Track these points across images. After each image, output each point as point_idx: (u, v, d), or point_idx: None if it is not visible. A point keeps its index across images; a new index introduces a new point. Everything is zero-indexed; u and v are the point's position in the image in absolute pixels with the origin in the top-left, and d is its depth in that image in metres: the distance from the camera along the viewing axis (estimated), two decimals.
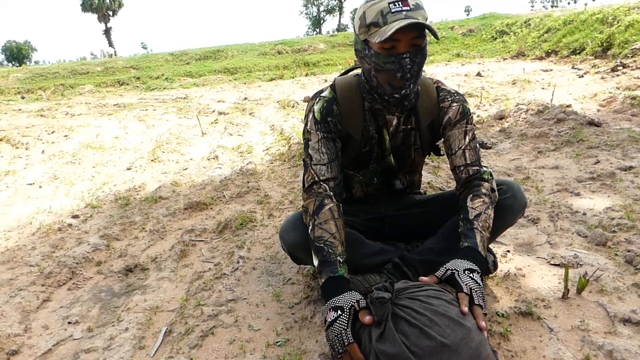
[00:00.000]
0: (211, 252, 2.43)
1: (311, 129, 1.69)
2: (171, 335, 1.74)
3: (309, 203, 1.62)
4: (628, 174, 2.84)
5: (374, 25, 1.45)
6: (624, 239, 2.08)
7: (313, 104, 1.71)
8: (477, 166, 1.68)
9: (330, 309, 1.37)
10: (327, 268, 1.48)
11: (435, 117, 1.76)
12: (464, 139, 1.69)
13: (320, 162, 1.65)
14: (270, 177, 3.56)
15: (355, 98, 1.70)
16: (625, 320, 1.57)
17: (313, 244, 1.55)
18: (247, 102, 7.81)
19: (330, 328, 1.34)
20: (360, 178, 1.89)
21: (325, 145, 1.67)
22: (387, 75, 1.53)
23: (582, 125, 3.98)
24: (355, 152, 1.78)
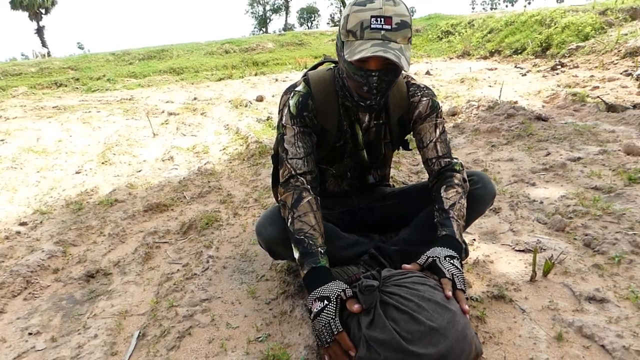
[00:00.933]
0: (177, 254, 2.36)
1: (287, 123, 1.68)
2: (145, 339, 1.68)
3: (287, 197, 1.61)
4: (577, 165, 3.01)
5: (351, 34, 1.43)
6: (581, 224, 2.20)
7: (288, 98, 1.70)
8: (449, 158, 1.72)
9: (315, 299, 1.37)
10: (309, 259, 1.47)
11: (405, 112, 1.78)
12: (435, 132, 1.73)
13: (296, 156, 1.65)
14: (230, 177, 3.51)
15: (330, 93, 1.71)
16: (590, 298, 1.66)
17: (293, 236, 1.54)
18: (198, 102, 7.65)
19: (317, 318, 1.34)
20: (333, 172, 1.90)
21: (301, 139, 1.66)
22: (355, 85, 1.55)
23: (530, 120, 4.17)
24: (329, 146, 1.79)
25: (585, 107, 4.67)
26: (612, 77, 6.02)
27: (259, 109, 6.45)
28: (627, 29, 7.86)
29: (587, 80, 6.14)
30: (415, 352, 1.18)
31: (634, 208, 2.31)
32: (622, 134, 3.58)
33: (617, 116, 4.14)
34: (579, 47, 8.08)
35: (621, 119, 4.04)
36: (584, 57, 7.66)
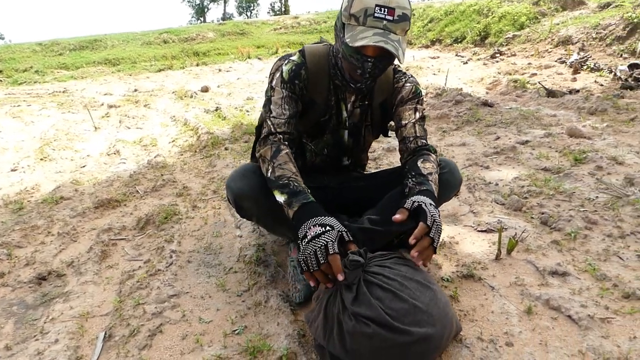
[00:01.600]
0: (136, 250, 2.26)
1: (276, 86, 1.67)
2: (112, 340, 1.60)
3: (266, 151, 1.59)
4: (526, 147, 3.14)
5: (354, 18, 1.45)
6: (536, 204, 2.29)
7: (282, 64, 1.70)
8: (425, 140, 1.75)
9: (315, 224, 1.33)
10: (299, 197, 1.43)
11: (388, 96, 1.81)
12: (414, 115, 1.76)
13: (279, 116, 1.64)
14: (184, 169, 3.40)
15: (323, 66, 1.72)
16: (553, 272, 1.74)
17: (276, 183, 1.50)
18: (139, 93, 7.35)
19: (315, 240, 1.29)
20: (312, 147, 1.88)
21: (288, 102, 1.66)
22: (349, 67, 1.56)
23: (477, 106, 4.31)
24: (314, 118, 1.79)
25: (526, 93, 4.88)
26: (548, 64, 6.33)
27: (205, 100, 6.29)
28: (558, 18, 8.28)
29: (525, 68, 6.43)
30: (402, 328, 1.19)
31: (582, 187, 2.44)
32: (562, 118, 3.78)
33: (557, 101, 4.36)
34: (515, 36, 8.44)
35: (561, 104, 4.25)
36: (520, 45, 8.01)
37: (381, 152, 3.34)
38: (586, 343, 1.39)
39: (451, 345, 1.40)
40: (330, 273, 1.29)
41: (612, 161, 2.69)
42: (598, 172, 2.59)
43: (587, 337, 1.41)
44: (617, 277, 1.68)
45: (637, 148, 2.96)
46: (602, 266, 1.76)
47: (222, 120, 4.82)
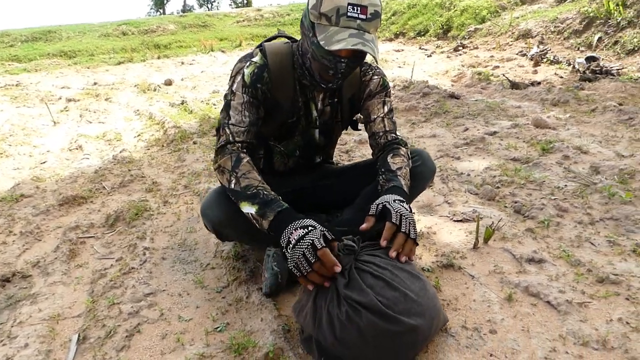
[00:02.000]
0: (107, 248, 2.18)
1: (237, 90, 1.60)
2: (87, 342, 1.54)
3: (225, 161, 1.54)
4: (495, 138, 3.20)
5: (325, 17, 1.38)
6: (509, 193, 2.34)
7: (243, 66, 1.64)
8: (395, 134, 1.75)
9: (296, 228, 1.31)
10: (272, 205, 1.40)
11: (356, 91, 1.78)
12: (383, 109, 1.75)
13: (238, 124, 1.58)
14: (152, 164, 3.30)
15: (286, 66, 1.65)
16: (529, 260, 1.78)
17: (243, 194, 1.46)
18: (99, 87, 7.11)
19: (300, 243, 1.27)
20: (281, 149, 1.84)
21: (248, 109, 1.59)
22: (320, 67, 1.51)
23: (444, 98, 4.37)
24: (280, 120, 1.73)
25: (491, 85, 4.98)
26: (510, 57, 6.48)
27: (169, 93, 6.14)
28: (518, 12, 8.48)
29: (488, 60, 6.56)
30: (394, 316, 1.19)
31: (551, 175, 2.50)
32: (527, 109, 3.87)
33: (521, 93, 4.47)
34: (477, 30, 8.60)
35: (525, 96, 4.36)
36: (482, 38, 8.16)
37: (353, 144, 3.34)
38: (566, 327, 1.42)
39: (437, 334, 1.41)
40: (323, 272, 1.27)
41: (578, 150, 2.77)
42: (565, 162, 2.66)
43: (567, 321, 1.44)
44: (590, 263, 1.73)
45: (600, 138, 3.06)
46: (575, 252, 1.81)
47: (188, 114, 4.71)
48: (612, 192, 2.17)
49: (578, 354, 1.32)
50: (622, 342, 1.35)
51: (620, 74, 5.22)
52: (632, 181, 2.31)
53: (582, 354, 1.32)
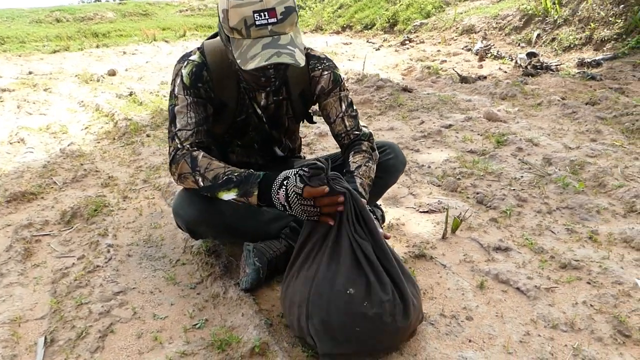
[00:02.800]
0: (65, 246, 2.08)
1: (179, 94, 1.55)
2: (56, 345, 1.46)
3: (181, 167, 1.49)
4: (450, 131, 3.30)
5: (236, 31, 1.33)
6: (470, 184, 2.43)
7: (181, 67, 1.57)
8: (357, 130, 1.72)
9: (277, 190, 1.34)
10: (250, 180, 1.38)
11: (306, 86, 1.74)
12: (341, 107, 1.71)
13: (185, 127, 1.52)
14: (105, 158, 3.16)
15: (227, 65, 1.58)
16: (496, 248, 1.85)
17: (215, 185, 1.43)
18: (35, 76, 6.70)
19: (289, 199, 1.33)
20: (240, 143, 1.82)
21: (194, 109, 1.54)
22: (251, 78, 1.48)
23: (398, 91, 4.45)
24: (230, 119, 1.70)
25: (440, 79, 5.12)
26: (456, 51, 6.69)
27: (114, 84, 5.89)
28: (461, 8, 8.75)
29: (435, 55, 6.73)
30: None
31: (507, 167, 2.62)
32: (477, 103, 4.01)
33: (470, 87, 4.63)
34: (422, 24, 8.80)
35: (474, 90, 4.51)
36: (427, 33, 8.36)
37: (313, 137, 3.34)
38: (536, 312, 1.50)
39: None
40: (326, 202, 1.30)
41: (530, 143, 2.91)
42: (519, 153, 2.79)
43: (536, 306, 1.52)
44: (552, 250, 1.83)
45: (548, 131, 3.23)
46: (537, 240, 1.91)
47: (138, 106, 4.54)
48: (566, 182, 2.30)
49: (549, 336, 1.40)
50: (588, 323, 1.44)
51: (559, 69, 5.51)
52: (582, 172, 2.45)
53: (553, 336, 1.40)
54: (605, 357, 1.31)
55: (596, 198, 2.19)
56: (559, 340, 1.38)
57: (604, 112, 3.47)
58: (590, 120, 3.29)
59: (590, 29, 6.43)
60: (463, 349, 1.36)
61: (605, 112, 3.49)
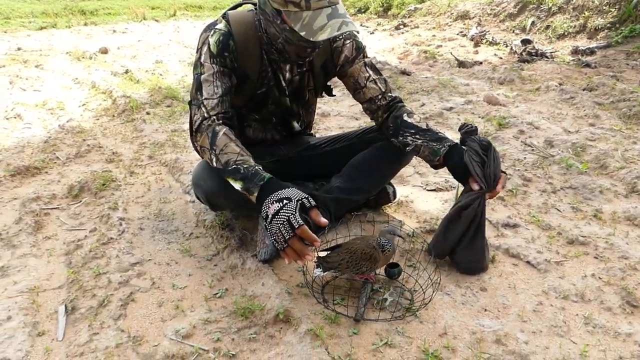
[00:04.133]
0: (75, 219, 2.08)
1: (205, 62, 1.57)
2: (78, 312, 1.48)
3: (203, 139, 1.51)
4: (452, 113, 3.33)
5: (293, 4, 1.35)
6: None
7: (208, 36, 1.59)
8: (392, 92, 1.76)
9: (272, 202, 1.30)
10: (254, 179, 1.38)
11: (328, 57, 1.77)
12: (369, 71, 1.74)
13: (212, 96, 1.54)
14: (106, 135, 3.14)
15: (252, 36, 1.61)
16: (505, 225, 1.90)
17: (225, 171, 1.44)
18: (25, 52, 6.56)
19: (276, 217, 1.27)
20: (257, 117, 1.83)
21: (220, 78, 1.56)
22: (297, 49, 1.50)
23: (397, 74, 4.47)
24: (250, 92, 1.71)
25: (438, 63, 5.15)
26: (451, 37, 6.70)
27: (108, 62, 5.80)
28: None
29: (431, 40, 6.74)
30: None
31: (510, 149, 2.66)
32: (476, 87, 4.05)
33: (468, 71, 4.66)
34: (417, 9, 8.79)
35: (472, 74, 4.55)
36: (422, 18, 8.36)
37: (316, 117, 3.35)
38: (547, 284, 1.55)
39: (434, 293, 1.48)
40: (298, 247, 1.27)
41: (531, 126, 2.96)
42: (521, 136, 2.84)
43: (547, 278, 1.57)
44: (559, 227, 1.88)
45: (547, 115, 3.28)
46: (544, 218, 1.96)
47: (135, 84, 4.49)
48: (569, 163, 2.36)
49: (561, 306, 1.45)
50: (597, 294, 1.50)
51: (554, 56, 5.57)
52: (584, 154, 2.51)
53: (564, 306, 1.45)
54: (615, 326, 1.37)
55: (599, 179, 2.24)
56: (571, 310, 1.44)
57: (601, 98, 3.53)
58: (588, 106, 3.35)
59: (585, 17, 6.49)
60: (479, 317, 1.40)
61: (602, 97, 3.55)
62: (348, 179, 1.84)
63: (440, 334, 1.34)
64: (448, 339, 1.32)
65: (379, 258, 1.41)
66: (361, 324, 1.37)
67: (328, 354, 1.24)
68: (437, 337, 1.33)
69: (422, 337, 1.33)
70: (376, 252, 1.41)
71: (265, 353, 1.28)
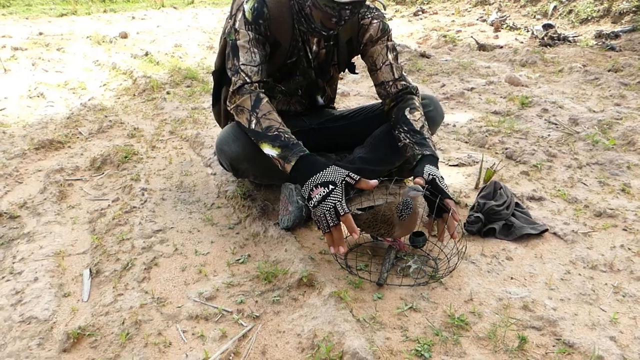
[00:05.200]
0: (98, 190, 2.09)
1: (240, 28, 1.56)
2: (102, 275, 1.49)
3: (244, 100, 1.50)
4: (473, 93, 3.28)
5: None
6: (498, 141, 2.43)
7: (242, 2, 1.58)
8: (405, 81, 1.73)
9: (316, 185, 1.32)
10: (294, 149, 1.39)
11: (354, 34, 1.75)
12: (388, 55, 1.71)
13: (250, 63, 1.54)
14: (127, 112, 3.16)
15: (285, 4, 1.60)
16: (530, 198, 1.87)
17: (263, 135, 1.45)
18: (47, 37, 6.63)
19: (323, 203, 1.29)
20: (282, 89, 1.82)
21: (256, 46, 1.56)
22: (322, 16, 1.48)
23: (416, 57, 4.42)
24: (281, 61, 1.70)
25: (457, 47, 5.07)
26: (471, 22, 6.60)
27: (127, 46, 5.83)
28: None
29: (450, 25, 6.65)
30: None
31: (533, 127, 2.62)
32: (497, 69, 3.98)
33: (488, 54, 4.59)
34: None
35: (492, 57, 4.48)
36: (441, 4, 8.25)
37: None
38: (574, 254, 1.52)
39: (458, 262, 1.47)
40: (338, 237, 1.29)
41: (554, 105, 2.90)
42: (545, 114, 2.79)
43: (574, 249, 1.54)
44: (586, 200, 1.84)
45: (571, 95, 3.21)
46: (570, 192, 1.92)
47: (155, 65, 4.51)
48: (596, 139, 2.31)
49: (589, 275, 1.43)
50: (626, 264, 1.46)
51: (577, 41, 5.45)
52: (610, 131, 2.45)
53: (592, 276, 1.42)
54: None
55: (626, 155, 2.19)
56: (599, 280, 1.41)
57: (627, 79, 3.45)
58: (613, 86, 3.28)
59: (609, 1, 6.33)
60: (506, 285, 1.38)
61: (628, 78, 3.47)
62: (371, 150, 1.82)
63: (466, 300, 1.33)
64: (474, 305, 1.30)
65: (395, 223, 1.39)
66: (385, 289, 1.36)
67: (353, 316, 1.24)
68: (462, 302, 1.32)
69: (448, 302, 1.31)
70: (393, 217, 1.39)
71: (289, 315, 1.28)
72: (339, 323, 1.18)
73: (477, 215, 1.63)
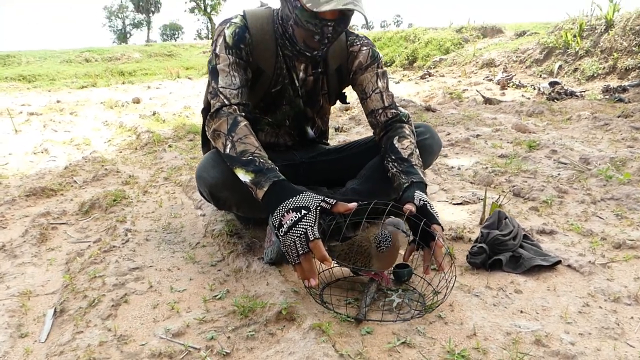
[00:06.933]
0: (82, 233, 1.99)
1: (220, 52, 1.51)
2: (66, 314, 1.35)
3: (221, 124, 1.42)
4: (479, 140, 3.20)
5: None
6: (504, 180, 2.30)
7: (223, 28, 1.55)
8: (395, 109, 1.66)
9: (288, 210, 1.20)
10: (268, 174, 1.29)
11: (343, 62, 1.71)
12: (377, 83, 1.66)
13: (229, 86, 1.48)
14: (126, 163, 3.12)
15: (268, 31, 1.58)
16: (541, 231, 1.71)
17: (238, 160, 1.35)
18: (63, 103, 6.85)
19: (293, 229, 1.17)
20: (269, 120, 1.74)
21: (236, 70, 1.50)
22: (305, 34, 1.45)
23: (421, 110, 4.40)
24: (264, 89, 1.64)
25: (463, 102, 5.07)
26: (477, 81, 6.67)
27: (138, 109, 5.96)
28: (480, 44, 8.84)
29: (456, 85, 6.73)
30: None
31: (542, 167, 2.49)
32: (503, 120, 3.92)
33: (495, 107, 4.55)
34: (442, 60, 8.88)
35: (499, 109, 4.44)
36: (447, 67, 8.42)
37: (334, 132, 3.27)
38: (593, 286, 1.35)
39: (460, 296, 1.31)
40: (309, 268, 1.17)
41: (564, 147, 2.79)
42: (554, 155, 2.67)
43: (593, 281, 1.37)
44: (602, 232, 1.68)
45: (581, 139, 3.11)
46: (585, 225, 1.76)
47: (161, 123, 4.55)
48: (609, 175, 2.17)
49: (612, 308, 1.25)
50: None
51: (584, 96, 5.42)
52: (625, 168, 2.31)
53: (615, 309, 1.25)
54: None
55: None
56: (623, 313, 1.23)
57: (638, 123, 3.34)
58: (625, 130, 3.17)
59: (614, 58, 6.38)
60: (515, 318, 1.21)
61: (639, 123, 3.36)
62: (364, 181, 1.73)
63: (468, 335, 1.15)
64: (478, 340, 1.13)
65: (372, 254, 1.26)
66: (376, 324, 1.20)
67: (335, 351, 1.07)
68: (464, 338, 1.14)
69: (447, 337, 1.14)
70: (371, 247, 1.26)
71: (263, 351, 1.12)
72: (317, 358, 1.02)
73: (480, 245, 1.48)
